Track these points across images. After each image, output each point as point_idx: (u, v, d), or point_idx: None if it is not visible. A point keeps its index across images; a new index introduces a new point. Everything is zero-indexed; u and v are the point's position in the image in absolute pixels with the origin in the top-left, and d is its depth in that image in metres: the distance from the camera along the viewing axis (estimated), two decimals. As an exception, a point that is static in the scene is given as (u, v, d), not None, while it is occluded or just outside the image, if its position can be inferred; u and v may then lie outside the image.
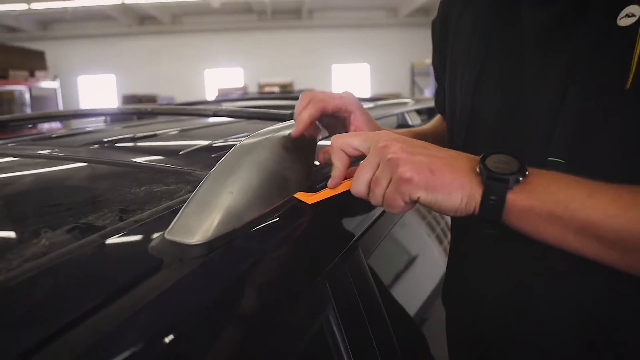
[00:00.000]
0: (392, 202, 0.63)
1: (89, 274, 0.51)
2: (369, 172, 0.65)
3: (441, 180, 0.60)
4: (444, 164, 0.61)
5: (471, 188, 0.59)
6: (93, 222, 0.65)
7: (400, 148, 0.62)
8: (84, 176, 0.92)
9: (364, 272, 0.80)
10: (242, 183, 0.66)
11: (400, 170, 0.60)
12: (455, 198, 0.59)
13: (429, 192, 0.60)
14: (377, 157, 0.64)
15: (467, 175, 0.60)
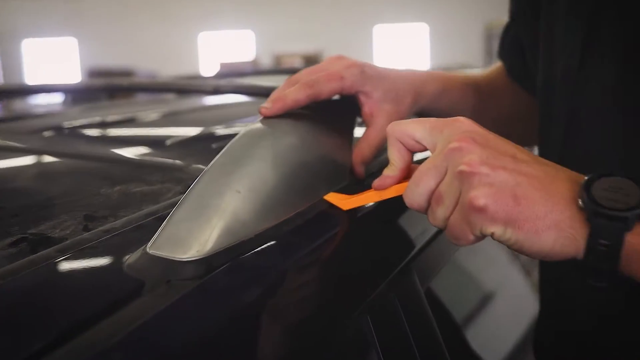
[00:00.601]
0: (456, 232, 0.62)
1: (39, 305, 0.51)
2: (431, 179, 0.64)
3: (528, 213, 0.58)
4: (535, 188, 0.59)
5: (571, 227, 0.58)
6: (47, 232, 0.66)
7: (480, 157, 0.60)
8: (35, 172, 0.93)
9: (419, 304, 0.79)
10: (253, 179, 0.66)
11: (472, 195, 0.59)
12: (546, 240, 0.58)
13: (508, 228, 0.59)
14: (444, 161, 0.63)
15: (567, 207, 0.58)
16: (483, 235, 0.61)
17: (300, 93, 0.79)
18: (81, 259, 0.58)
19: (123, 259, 0.58)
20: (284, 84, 0.83)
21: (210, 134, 1.15)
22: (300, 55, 13.99)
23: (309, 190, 0.74)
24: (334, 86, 0.81)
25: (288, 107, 0.79)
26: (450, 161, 0.62)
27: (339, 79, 0.82)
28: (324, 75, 0.81)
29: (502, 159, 0.60)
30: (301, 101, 0.79)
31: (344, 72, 0.83)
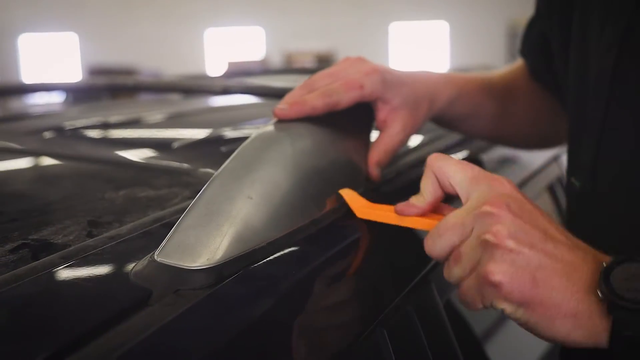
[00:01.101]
0: (467, 297, 0.63)
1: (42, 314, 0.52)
2: (455, 236, 0.64)
3: (544, 298, 0.58)
4: (557, 274, 0.58)
5: (590, 319, 0.57)
6: (49, 238, 0.66)
7: (508, 230, 0.60)
8: (36, 175, 0.94)
9: (438, 317, 0.80)
10: (266, 185, 0.67)
11: (490, 268, 0.59)
12: (560, 328, 0.58)
13: (520, 308, 0.59)
14: (473, 221, 0.62)
15: (586, 297, 0.58)
16: (493, 309, 0.61)
17: (318, 101, 0.79)
18: (86, 266, 0.59)
19: (129, 267, 0.58)
20: (300, 88, 0.83)
21: (219, 136, 1.15)
22: (313, 54, 14.00)
23: (323, 197, 0.74)
24: (354, 95, 0.81)
25: (305, 113, 0.79)
26: (479, 224, 0.62)
27: (358, 87, 0.82)
28: (343, 85, 0.81)
29: (531, 234, 0.60)
30: (319, 109, 0.79)
31: (363, 80, 0.83)
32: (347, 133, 0.81)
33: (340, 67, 0.86)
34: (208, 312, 0.53)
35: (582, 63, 0.85)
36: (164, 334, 0.50)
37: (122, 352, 0.47)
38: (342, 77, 0.83)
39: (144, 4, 14.71)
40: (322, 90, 0.81)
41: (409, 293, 0.75)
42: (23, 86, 1.48)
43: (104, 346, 0.47)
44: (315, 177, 0.73)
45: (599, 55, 0.80)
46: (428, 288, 0.80)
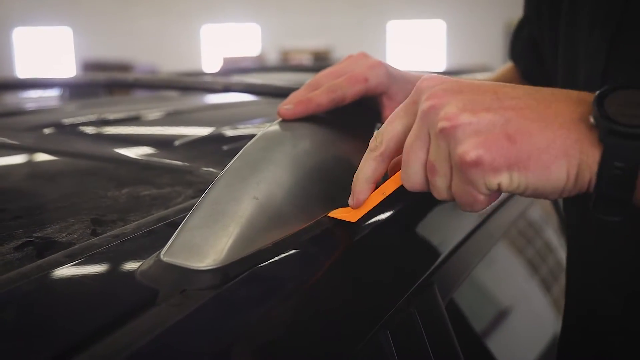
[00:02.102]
0: (464, 198, 0.59)
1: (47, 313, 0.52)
2: (418, 151, 0.61)
3: (528, 149, 0.54)
4: (529, 119, 0.55)
5: (581, 152, 0.54)
6: (53, 236, 0.66)
7: (456, 107, 0.57)
8: (38, 172, 0.94)
9: (440, 318, 0.80)
10: (272, 185, 0.67)
11: (461, 151, 0.55)
12: (558, 173, 0.54)
13: (513, 172, 0.55)
14: (423, 125, 0.60)
15: (572, 130, 0.54)
16: (491, 191, 0.57)
17: (323, 97, 0.80)
18: (91, 265, 0.59)
19: (135, 266, 0.58)
20: (304, 87, 0.83)
21: (220, 134, 1.15)
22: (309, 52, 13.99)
23: (329, 197, 0.74)
24: (359, 89, 0.82)
25: (310, 111, 0.79)
26: (429, 123, 0.59)
27: (363, 81, 0.82)
28: (347, 79, 0.82)
29: (482, 100, 0.57)
30: (324, 105, 0.80)
31: (368, 73, 0.83)
32: (351, 133, 0.82)
33: (343, 64, 0.86)
34: (215, 313, 0.54)
35: (570, 68, 0.86)
36: (171, 334, 0.50)
37: (129, 352, 0.47)
38: (346, 73, 0.83)
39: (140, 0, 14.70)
40: (326, 87, 0.81)
41: (412, 295, 0.75)
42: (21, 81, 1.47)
43: (110, 346, 0.47)
44: (321, 177, 0.73)
45: (587, 60, 0.81)
46: (431, 290, 0.80)
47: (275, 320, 0.57)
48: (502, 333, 1.10)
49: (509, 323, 1.15)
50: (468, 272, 0.98)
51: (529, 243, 1.37)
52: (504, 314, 1.16)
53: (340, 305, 0.66)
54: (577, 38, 0.84)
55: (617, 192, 0.53)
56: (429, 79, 0.62)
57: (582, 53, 0.82)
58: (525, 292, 1.31)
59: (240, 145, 0.74)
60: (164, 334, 0.49)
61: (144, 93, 2.29)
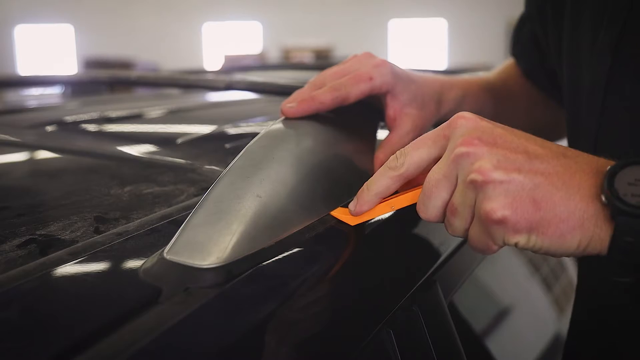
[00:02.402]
0: (478, 244, 0.62)
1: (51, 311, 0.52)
2: (442, 191, 0.63)
3: (550, 217, 0.57)
4: (555, 187, 0.58)
5: (596, 226, 0.57)
6: (56, 234, 0.66)
7: (490, 162, 0.59)
8: (40, 170, 0.94)
9: (443, 317, 0.80)
10: (275, 183, 0.67)
11: (489, 207, 0.58)
12: (571, 242, 0.58)
13: (532, 235, 0.58)
14: (454, 168, 0.62)
15: (590, 204, 0.57)
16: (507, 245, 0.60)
17: (327, 96, 0.79)
18: (94, 263, 0.59)
19: (138, 264, 0.58)
20: (308, 86, 0.83)
21: (223, 132, 1.15)
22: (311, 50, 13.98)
23: (332, 195, 0.74)
24: (363, 88, 0.81)
25: (313, 110, 0.79)
26: (460, 169, 0.61)
27: (367, 79, 0.82)
28: (351, 78, 0.81)
29: (514, 158, 0.59)
30: (328, 104, 0.80)
31: (373, 72, 0.82)
32: (354, 132, 0.82)
33: (348, 63, 0.86)
34: (218, 311, 0.54)
35: (575, 71, 0.86)
36: (174, 332, 0.50)
37: (133, 350, 0.47)
38: (350, 72, 0.83)
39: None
40: (330, 85, 0.81)
41: (414, 293, 0.75)
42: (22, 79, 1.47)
43: (114, 344, 0.47)
44: (324, 176, 0.73)
45: (592, 63, 0.80)
46: (433, 288, 0.80)
47: (278, 318, 0.57)
48: (504, 332, 1.10)
49: (511, 322, 1.16)
50: (470, 271, 0.98)
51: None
52: (506, 313, 1.16)
53: (343, 303, 0.66)
54: (581, 40, 0.84)
55: (628, 260, 0.57)
56: (466, 119, 0.63)
57: (587, 55, 0.82)
58: (527, 290, 1.31)
59: (243, 143, 0.74)
60: (167, 332, 0.49)
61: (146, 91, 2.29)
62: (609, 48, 0.77)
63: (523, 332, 1.20)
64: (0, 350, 0.45)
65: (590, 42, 0.81)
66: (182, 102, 1.63)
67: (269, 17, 14.67)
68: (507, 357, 1.07)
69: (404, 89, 0.85)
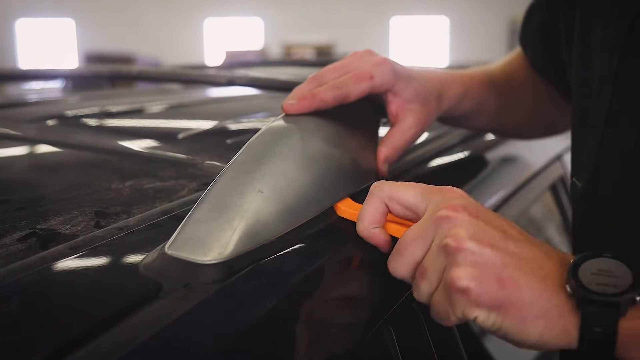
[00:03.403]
0: (438, 311, 0.60)
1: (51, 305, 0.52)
2: (417, 249, 0.62)
3: (514, 298, 0.56)
4: (523, 271, 0.57)
5: (560, 316, 0.56)
6: (57, 228, 0.66)
7: (467, 232, 0.58)
8: (41, 164, 0.94)
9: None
10: (277, 179, 0.67)
11: (455, 274, 0.57)
12: (533, 330, 0.56)
13: (492, 312, 0.57)
14: (432, 229, 0.61)
15: (555, 294, 0.57)
16: (465, 319, 0.58)
17: (328, 94, 0.79)
18: (95, 257, 0.59)
19: (139, 259, 0.58)
20: (308, 82, 0.83)
21: (224, 128, 1.15)
22: (312, 46, 13.98)
23: (333, 191, 0.74)
24: (364, 86, 0.81)
25: (314, 107, 0.79)
26: (438, 230, 0.60)
27: (368, 78, 0.81)
28: (352, 76, 0.81)
29: (491, 234, 0.59)
30: (328, 102, 0.79)
31: (373, 71, 0.82)
32: (355, 127, 0.82)
33: (349, 60, 0.85)
34: (219, 307, 0.54)
35: (584, 63, 0.85)
36: (175, 327, 0.50)
37: (133, 345, 0.47)
38: (351, 70, 0.83)
39: (143, -8, 14.69)
40: (331, 84, 0.81)
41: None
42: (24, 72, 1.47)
43: (114, 339, 0.47)
44: (325, 171, 0.73)
45: (602, 56, 0.80)
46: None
47: (279, 314, 0.57)
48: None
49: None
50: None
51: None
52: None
53: (343, 300, 0.66)
54: (591, 33, 0.83)
55: (601, 351, 0.55)
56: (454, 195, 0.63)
57: (597, 47, 0.82)
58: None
59: (245, 139, 0.74)
60: (167, 327, 0.49)
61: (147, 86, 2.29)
62: (619, 43, 0.77)
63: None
64: (1, 344, 0.45)
65: (600, 35, 0.81)
66: (183, 98, 1.63)
67: (271, 13, 14.66)
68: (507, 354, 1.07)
69: (405, 87, 0.84)
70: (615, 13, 0.78)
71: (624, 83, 0.77)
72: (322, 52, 13.47)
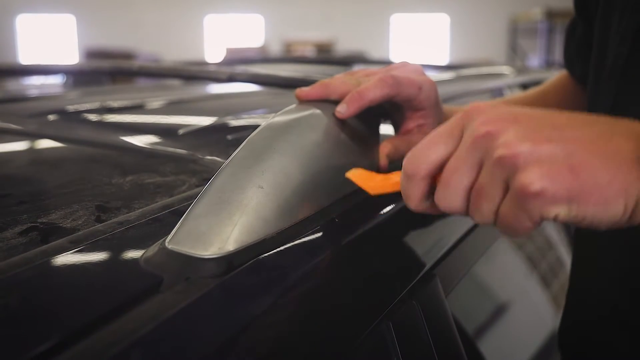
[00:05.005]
0: (512, 223, 0.56)
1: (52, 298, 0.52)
2: (464, 178, 0.58)
3: (591, 184, 0.52)
4: (592, 153, 0.53)
5: None
6: (58, 222, 0.67)
7: (516, 135, 0.54)
8: (41, 158, 0.94)
9: (442, 311, 0.80)
10: (277, 175, 0.67)
11: (524, 181, 0.53)
12: (616, 209, 0.53)
13: (573, 205, 0.53)
14: (475, 152, 0.57)
15: (633, 168, 0.53)
16: (545, 219, 0.55)
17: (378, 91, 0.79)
18: (95, 251, 0.59)
19: (139, 253, 0.59)
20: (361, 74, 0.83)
21: (225, 124, 1.15)
22: (312, 43, 13.96)
23: (333, 187, 0.75)
24: (411, 92, 0.81)
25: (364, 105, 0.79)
26: (483, 150, 0.56)
27: (417, 86, 0.81)
28: (406, 78, 0.81)
29: (540, 130, 0.55)
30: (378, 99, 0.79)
31: (423, 84, 0.82)
32: (356, 125, 0.82)
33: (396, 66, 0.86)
34: (219, 301, 0.54)
35: (601, 51, 0.85)
36: (175, 321, 0.50)
37: (133, 338, 0.47)
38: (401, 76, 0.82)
39: (144, -12, 14.69)
40: (385, 81, 0.80)
41: (414, 287, 0.76)
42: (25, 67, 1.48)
43: (114, 332, 0.47)
44: (325, 167, 0.73)
45: (615, 44, 0.81)
46: (433, 282, 0.81)
47: (279, 309, 0.58)
48: (502, 326, 1.11)
49: (509, 316, 1.16)
50: (469, 266, 0.98)
51: (530, 239, 1.37)
52: (504, 308, 1.16)
53: (343, 295, 0.66)
54: (610, 22, 0.84)
55: None
56: (480, 106, 0.60)
57: (612, 36, 0.82)
58: (525, 286, 1.31)
59: (245, 134, 0.75)
60: (167, 321, 0.49)
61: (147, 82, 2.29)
62: (632, 32, 0.77)
63: (521, 327, 1.20)
64: (1, 337, 0.46)
65: (617, 22, 0.81)
66: (184, 93, 1.64)
67: (271, 10, 14.65)
68: (506, 351, 1.08)
69: (436, 114, 0.85)
70: (631, 3, 0.78)
71: (629, 78, 0.78)
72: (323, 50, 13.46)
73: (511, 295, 1.23)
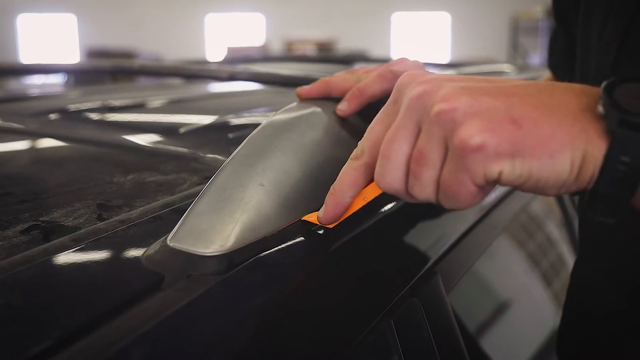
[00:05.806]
0: (454, 188, 0.52)
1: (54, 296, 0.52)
2: (403, 143, 0.55)
3: (535, 136, 0.49)
4: (533, 106, 0.51)
5: (587, 142, 0.50)
6: (59, 220, 0.67)
7: (454, 89, 0.52)
8: (43, 157, 0.94)
9: (443, 308, 0.80)
10: (278, 173, 0.67)
11: (462, 133, 0.50)
12: (563, 163, 0.50)
13: (516, 159, 0.50)
14: (412, 113, 0.54)
15: (577, 119, 0.50)
16: (487, 182, 0.52)
17: (381, 85, 0.79)
18: (97, 249, 0.59)
19: (141, 251, 0.59)
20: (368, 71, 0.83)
21: (226, 122, 1.16)
22: (313, 42, 13.95)
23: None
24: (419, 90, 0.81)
25: (365, 101, 0.79)
26: (420, 110, 0.53)
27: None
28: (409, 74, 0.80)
29: (479, 85, 0.53)
30: (378, 94, 0.79)
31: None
32: (357, 122, 0.82)
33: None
34: (220, 298, 0.54)
35: (584, 58, 0.86)
36: (177, 318, 0.50)
37: (135, 336, 0.47)
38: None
39: (144, -13, 14.69)
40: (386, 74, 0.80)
41: (415, 284, 0.76)
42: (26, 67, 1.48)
43: (116, 330, 0.47)
44: (326, 165, 0.73)
45: (599, 51, 0.80)
46: (434, 280, 0.81)
47: (280, 307, 0.58)
48: (503, 324, 1.11)
49: (510, 314, 1.16)
50: (471, 264, 0.98)
51: (531, 237, 1.37)
52: (505, 306, 1.16)
53: (344, 293, 0.66)
54: (591, 29, 0.84)
55: (618, 190, 0.50)
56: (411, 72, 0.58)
57: (595, 44, 0.82)
58: (527, 284, 1.31)
59: (246, 133, 0.75)
60: (169, 319, 0.50)
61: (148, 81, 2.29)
62: (616, 39, 0.77)
63: (522, 324, 1.20)
64: (3, 336, 0.46)
65: (599, 29, 0.81)
66: (185, 92, 1.64)
67: (272, 9, 14.65)
68: (507, 349, 1.08)
69: None
70: (613, 10, 0.78)
71: (626, 52, 0.78)
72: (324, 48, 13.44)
73: (512, 292, 1.23)
